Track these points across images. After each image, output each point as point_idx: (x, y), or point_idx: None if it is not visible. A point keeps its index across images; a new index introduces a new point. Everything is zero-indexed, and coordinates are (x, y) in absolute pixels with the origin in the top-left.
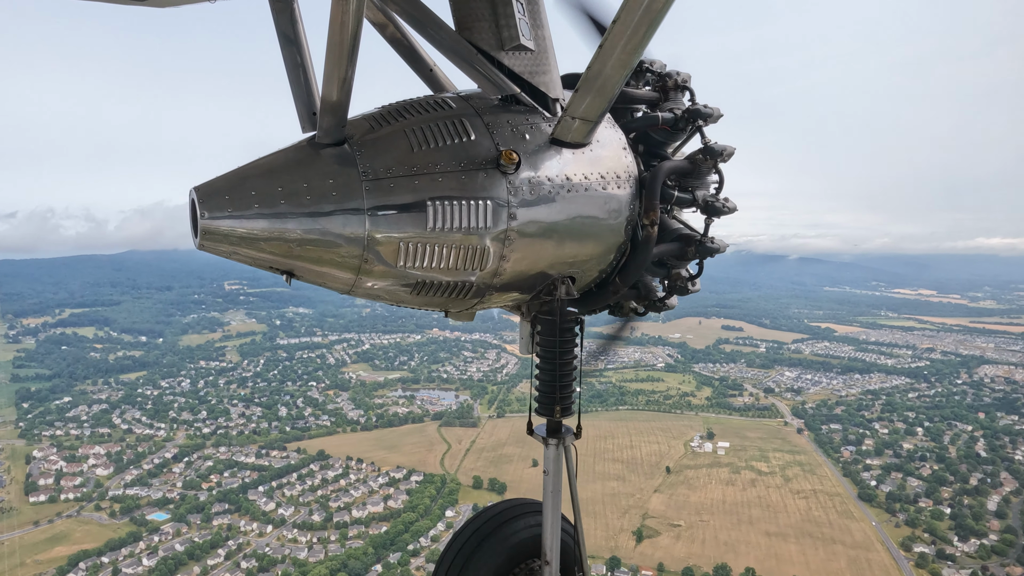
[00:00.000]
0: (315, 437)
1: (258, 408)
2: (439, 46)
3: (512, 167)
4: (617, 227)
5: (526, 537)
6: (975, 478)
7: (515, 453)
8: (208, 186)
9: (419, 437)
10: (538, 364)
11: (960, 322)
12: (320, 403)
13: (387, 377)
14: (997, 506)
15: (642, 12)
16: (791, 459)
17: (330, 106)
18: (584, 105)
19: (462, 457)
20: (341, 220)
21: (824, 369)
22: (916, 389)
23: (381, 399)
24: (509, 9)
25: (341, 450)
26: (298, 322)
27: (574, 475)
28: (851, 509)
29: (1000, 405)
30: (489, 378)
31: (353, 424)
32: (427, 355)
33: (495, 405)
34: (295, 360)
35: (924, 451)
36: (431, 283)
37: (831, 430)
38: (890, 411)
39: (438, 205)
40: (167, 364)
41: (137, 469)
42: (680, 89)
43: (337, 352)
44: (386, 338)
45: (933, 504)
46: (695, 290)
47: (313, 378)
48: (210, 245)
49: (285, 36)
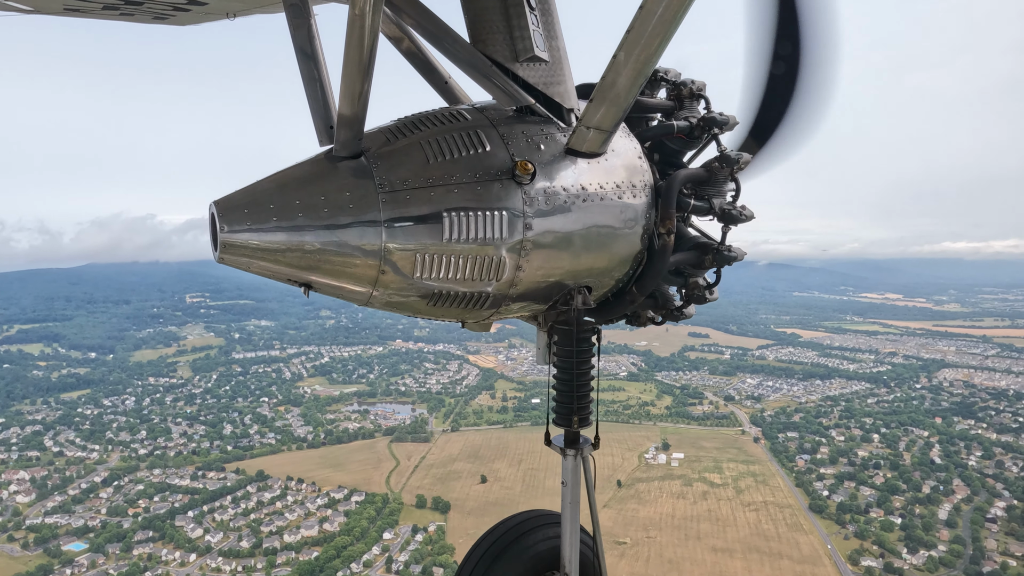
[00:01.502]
0: (257, 456)
1: (202, 426)
2: (454, 59)
3: (527, 177)
4: (633, 236)
5: (544, 549)
6: (928, 486)
7: (465, 470)
8: (227, 200)
9: (368, 454)
10: (555, 374)
11: (924, 326)
12: (268, 420)
13: (343, 391)
14: (948, 515)
15: (656, 21)
16: (745, 470)
17: (347, 119)
18: (599, 115)
19: (409, 475)
20: (358, 232)
21: (786, 375)
22: (875, 394)
23: (334, 415)
24: (523, 21)
25: (283, 470)
26: (258, 335)
27: (592, 486)
28: (801, 521)
29: (957, 409)
30: (448, 390)
31: (299, 442)
32: (387, 367)
33: (451, 418)
34: (249, 375)
35: (879, 458)
36: (448, 294)
37: (787, 438)
38: (848, 417)
39: (454, 216)
40: (113, 381)
41: (61, 495)
42: (695, 97)
43: (294, 366)
44: (347, 350)
45: (884, 514)
46: (713, 298)
47: (266, 393)
48: (230, 258)
49: (302, 51)
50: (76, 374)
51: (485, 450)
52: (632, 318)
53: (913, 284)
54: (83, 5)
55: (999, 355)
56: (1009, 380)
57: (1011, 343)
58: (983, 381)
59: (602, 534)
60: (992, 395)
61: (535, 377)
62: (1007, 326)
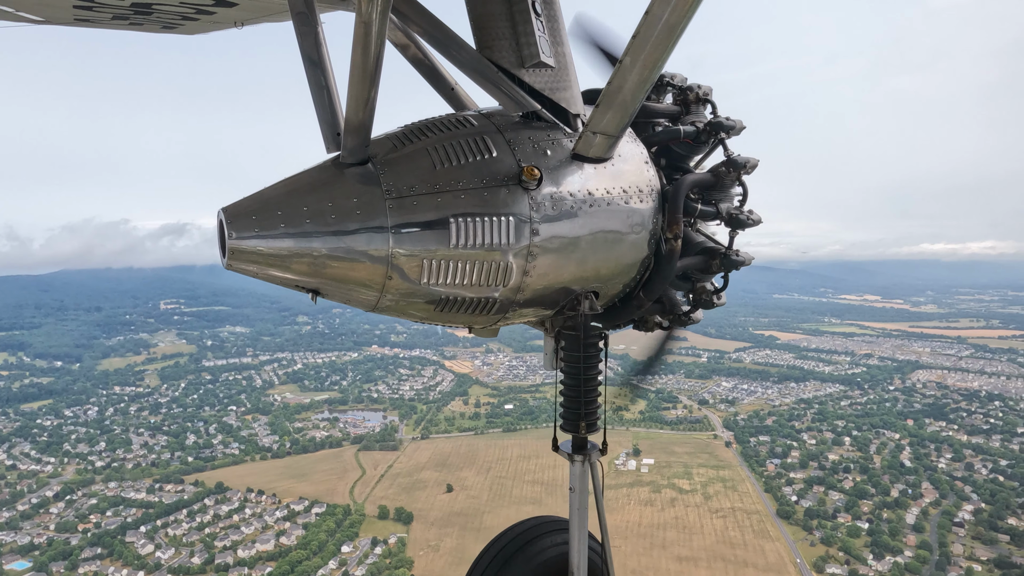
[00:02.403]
0: (219, 468)
1: (164, 437)
2: (460, 65)
3: (534, 183)
4: (640, 241)
5: (553, 556)
6: (896, 489)
7: (431, 478)
8: (235, 207)
9: (333, 463)
10: (562, 380)
11: (900, 327)
12: (234, 429)
13: (313, 399)
14: (915, 519)
15: (661, 27)
16: (714, 475)
17: (354, 126)
18: (605, 120)
19: (374, 485)
20: (365, 238)
21: (762, 378)
22: (849, 397)
23: (302, 423)
24: (529, 27)
25: (244, 481)
26: (231, 342)
27: (600, 492)
28: (768, 528)
29: (929, 411)
30: (421, 396)
31: (264, 451)
32: (361, 374)
33: (421, 426)
34: (219, 383)
35: (849, 462)
36: (455, 299)
37: (759, 442)
38: (820, 420)
39: (461, 222)
40: (77, 391)
41: (9, 511)
42: (701, 102)
43: (266, 373)
44: (321, 357)
45: (851, 519)
46: (721, 303)
47: (234, 402)
48: (238, 265)
49: (309, 59)
50: (39, 384)
51: (454, 458)
52: (639, 323)
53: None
54: (93, 15)
55: (973, 356)
56: (981, 381)
57: (985, 344)
58: (956, 382)
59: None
60: (964, 396)
61: (510, 383)
62: (981, 327)
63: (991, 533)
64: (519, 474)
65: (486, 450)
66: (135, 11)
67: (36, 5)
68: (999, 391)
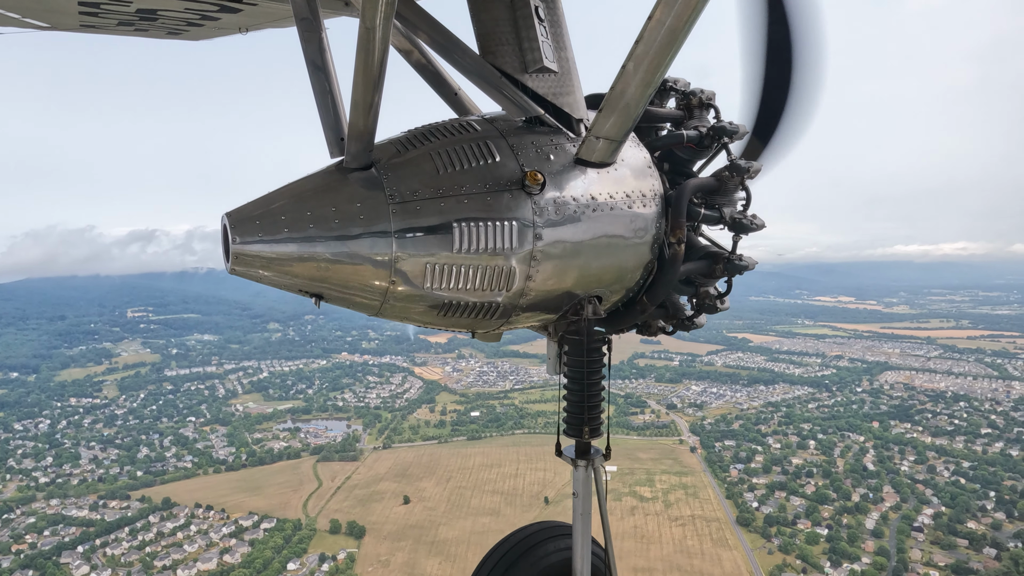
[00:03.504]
0: (170, 482)
1: (116, 450)
2: (464, 70)
3: (537, 188)
4: (643, 246)
5: (556, 561)
6: (858, 494)
7: (389, 490)
8: (239, 212)
9: (290, 476)
10: (566, 385)
11: (872, 328)
12: (190, 441)
13: (277, 408)
14: (875, 524)
15: (665, 31)
16: (677, 482)
17: (357, 131)
18: (608, 125)
19: (329, 497)
20: (369, 243)
21: (732, 381)
22: (817, 399)
23: (262, 433)
24: (532, 32)
25: (193, 496)
26: (197, 351)
27: (603, 497)
28: (727, 536)
29: (895, 413)
30: (387, 404)
31: (218, 464)
32: (329, 382)
33: (385, 435)
34: (180, 393)
35: (812, 466)
36: (458, 304)
37: (724, 447)
38: (787, 423)
39: (464, 227)
40: (31, 403)
41: None
42: (705, 107)
43: (230, 382)
44: (288, 365)
45: (811, 525)
46: (724, 308)
47: (194, 412)
48: (241, 269)
49: (313, 64)
50: None
51: (415, 468)
52: (642, 328)
53: (865, 287)
54: (98, 21)
55: (941, 356)
56: (948, 382)
57: (954, 344)
58: (923, 383)
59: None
60: (930, 397)
61: (479, 389)
62: (951, 327)
63: (950, 537)
64: (479, 484)
65: (448, 459)
66: (140, 17)
67: (42, 11)
68: (965, 391)
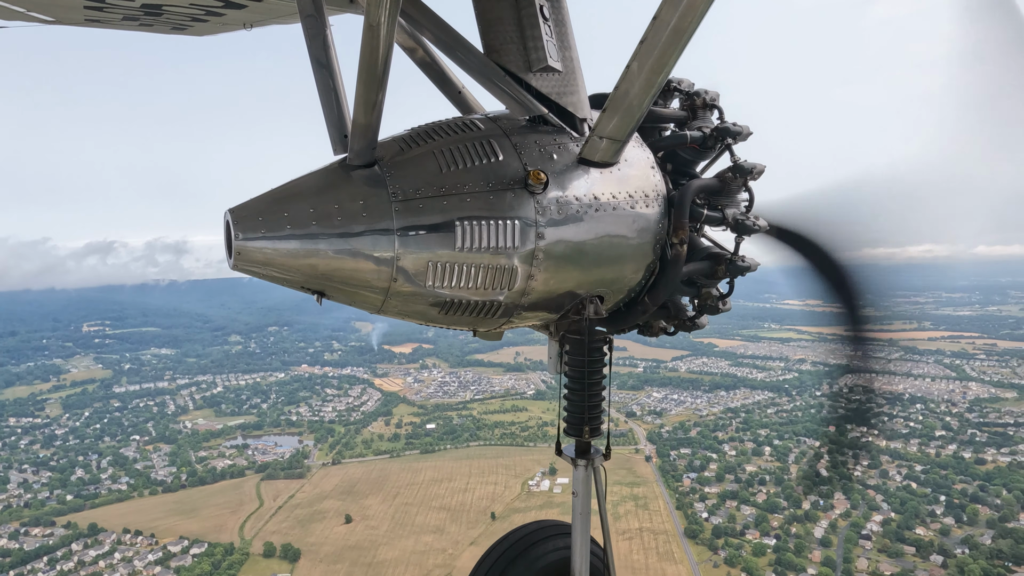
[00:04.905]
0: (101, 506)
1: (48, 473)
2: (468, 69)
3: (540, 187)
4: (646, 246)
5: (554, 560)
6: (808, 501)
7: (332, 508)
8: (242, 208)
9: (230, 496)
10: (567, 384)
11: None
12: (129, 462)
13: (227, 424)
14: (824, 533)
15: (669, 32)
16: (628, 493)
17: (361, 129)
18: (612, 125)
19: (268, 518)
20: (371, 240)
21: (694, 387)
22: (776, 404)
23: (207, 451)
24: (536, 31)
25: (123, 520)
26: (151, 366)
27: (603, 496)
28: (674, 549)
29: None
30: (342, 418)
31: (155, 486)
32: (285, 395)
33: (336, 450)
34: (127, 410)
35: (765, 473)
36: (459, 302)
37: (680, 455)
38: (745, 429)
39: (466, 225)
40: None
41: None
42: (709, 107)
43: (182, 398)
44: (245, 378)
45: (760, 536)
46: (726, 309)
47: (139, 431)
48: (243, 266)
49: (318, 61)
50: None
51: (363, 484)
52: (644, 328)
53: None
54: (103, 16)
55: (902, 358)
56: (907, 384)
57: (915, 345)
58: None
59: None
60: (887, 400)
61: (439, 400)
62: (913, 328)
63: (897, 545)
64: (427, 500)
65: (398, 474)
66: (145, 12)
67: (48, 6)
68: (922, 393)
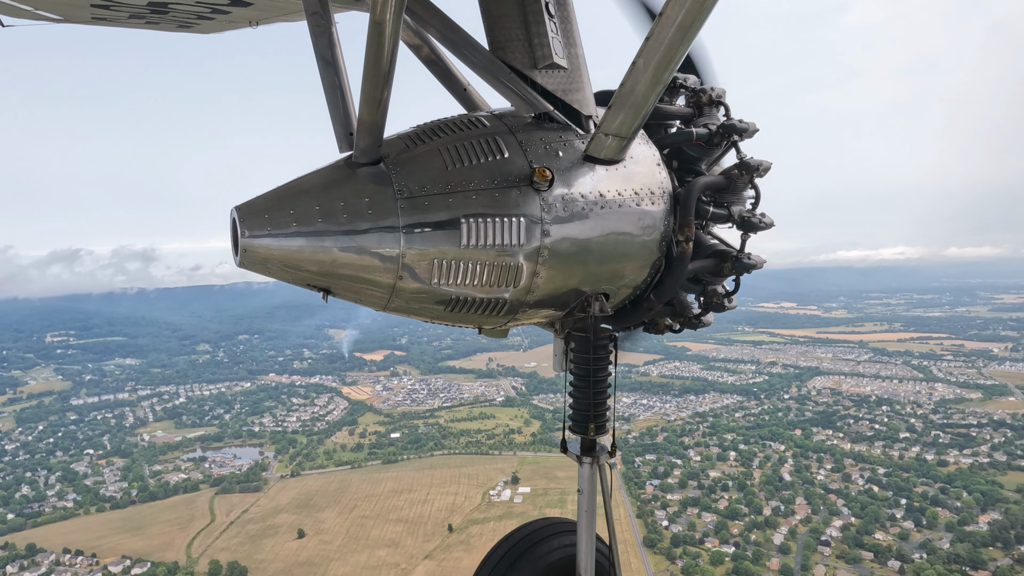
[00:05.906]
0: (43, 524)
1: None
2: (473, 66)
3: (545, 184)
4: (651, 243)
5: (560, 557)
6: (770, 507)
7: (286, 523)
8: (248, 205)
9: (181, 512)
10: (572, 382)
11: (809, 333)
12: (79, 477)
13: (186, 436)
14: (783, 539)
15: (675, 28)
16: None
17: (366, 126)
18: (617, 122)
19: (219, 534)
20: (376, 238)
21: (664, 392)
22: (744, 408)
23: (163, 465)
24: (542, 28)
25: (65, 540)
26: (113, 377)
27: (608, 494)
28: (630, 559)
29: (819, 420)
30: (306, 428)
31: (104, 502)
32: (249, 405)
33: (296, 461)
34: (84, 423)
35: (728, 479)
36: (465, 300)
37: (644, 462)
38: (711, 434)
39: (472, 222)
40: None
41: None
42: (714, 104)
43: (142, 409)
44: (209, 388)
45: (718, 544)
46: (732, 306)
47: (93, 444)
48: (249, 264)
49: (323, 58)
50: None
51: (320, 497)
52: (650, 325)
53: (807, 292)
54: (110, 14)
55: (871, 360)
56: (875, 385)
57: (884, 347)
58: (850, 388)
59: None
60: (855, 402)
61: (406, 408)
62: (884, 330)
63: (856, 551)
64: (384, 512)
65: (358, 486)
66: (152, 10)
67: (55, 4)
68: (889, 395)
